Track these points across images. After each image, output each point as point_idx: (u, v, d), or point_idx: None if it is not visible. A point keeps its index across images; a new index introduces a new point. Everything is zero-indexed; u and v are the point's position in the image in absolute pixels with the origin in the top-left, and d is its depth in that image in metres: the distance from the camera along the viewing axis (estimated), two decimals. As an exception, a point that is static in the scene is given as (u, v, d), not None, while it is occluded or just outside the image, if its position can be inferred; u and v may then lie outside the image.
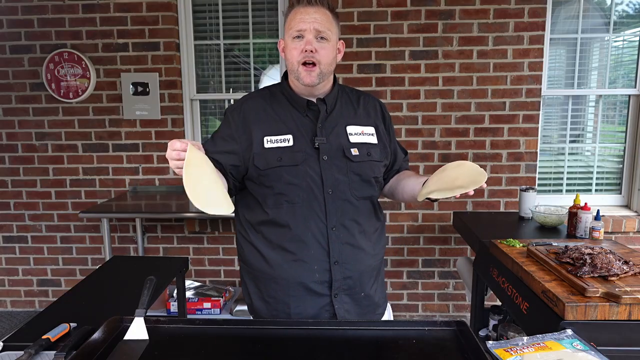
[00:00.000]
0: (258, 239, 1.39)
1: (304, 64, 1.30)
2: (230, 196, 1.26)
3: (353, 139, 1.38)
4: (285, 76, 1.44)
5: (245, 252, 1.44)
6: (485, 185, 1.21)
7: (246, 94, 1.48)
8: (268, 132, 1.34)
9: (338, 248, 1.34)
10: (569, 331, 1.15)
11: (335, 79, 1.44)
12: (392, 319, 1.69)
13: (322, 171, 1.33)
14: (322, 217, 1.33)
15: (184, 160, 1.09)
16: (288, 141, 1.33)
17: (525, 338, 1.11)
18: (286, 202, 1.33)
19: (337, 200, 1.34)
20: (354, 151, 1.36)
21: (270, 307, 1.41)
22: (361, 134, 1.40)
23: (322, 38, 1.30)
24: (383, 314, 1.56)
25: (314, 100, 1.38)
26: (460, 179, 1.23)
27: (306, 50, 1.28)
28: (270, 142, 1.33)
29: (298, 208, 1.32)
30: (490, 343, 1.10)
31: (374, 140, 1.42)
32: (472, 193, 1.21)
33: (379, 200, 1.51)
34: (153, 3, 3.11)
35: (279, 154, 1.32)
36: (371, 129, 1.43)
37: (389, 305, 1.63)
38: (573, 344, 1.08)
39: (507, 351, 1.05)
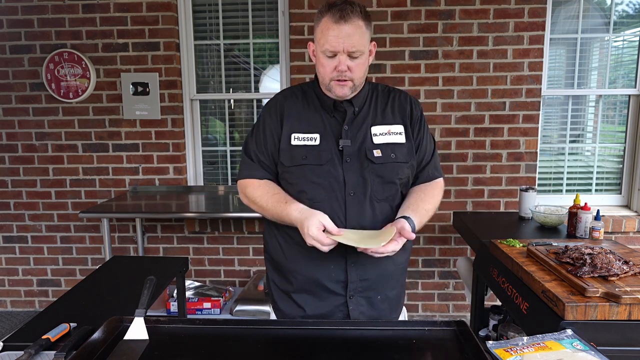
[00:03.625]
0: (279, 233, 1.42)
1: (336, 80, 1.30)
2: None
3: (377, 140, 1.36)
4: (317, 76, 1.41)
5: (268, 245, 1.48)
6: (377, 249, 1.23)
7: (283, 89, 1.49)
8: (296, 129, 1.35)
9: (356, 249, 1.31)
10: (569, 331, 1.15)
11: (365, 78, 1.41)
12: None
13: (345, 173, 1.33)
14: (341, 218, 1.33)
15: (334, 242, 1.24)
16: (315, 140, 1.34)
17: (525, 338, 1.11)
18: (307, 200, 1.33)
19: (358, 203, 1.33)
20: (377, 152, 1.34)
21: (289, 300, 1.43)
22: (387, 134, 1.37)
23: (354, 56, 1.27)
24: (397, 317, 1.55)
25: (341, 101, 1.36)
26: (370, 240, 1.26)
27: (339, 70, 1.27)
28: (297, 139, 1.34)
29: (319, 207, 1.31)
30: (490, 343, 1.10)
31: (401, 139, 1.38)
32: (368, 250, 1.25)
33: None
34: (153, 3, 3.11)
35: (304, 152, 1.33)
36: (399, 128, 1.39)
37: (404, 308, 1.61)
38: (573, 344, 1.08)
39: (507, 351, 1.05)
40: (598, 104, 3.26)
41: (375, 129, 1.37)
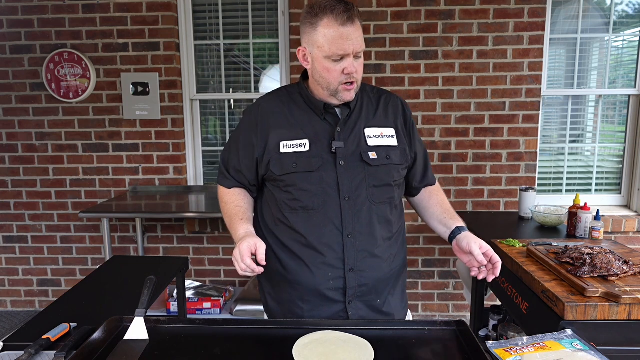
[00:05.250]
0: (274, 240, 1.37)
1: (344, 84, 1.26)
2: (254, 197, 1.41)
3: (371, 142, 1.32)
4: (303, 76, 1.38)
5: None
6: None
7: (266, 94, 1.44)
8: (284, 136, 1.31)
9: (354, 255, 1.30)
10: (569, 331, 1.15)
11: None
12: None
13: (339, 177, 1.29)
14: (337, 225, 1.29)
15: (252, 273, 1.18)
16: (304, 146, 1.29)
17: (525, 338, 1.11)
18: (301, 209, 1.30)
19: (354, 207, 1.30)
20: (372, 155, 1.30)
21: (285, 308, 1.40)
22: (380, 136, 1.33)
23: (358, 57, 1.26)
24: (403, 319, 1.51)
25: (332, 103, 1.33)
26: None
27: (349, 74, 1.24)
28: (286, 147, 1.30)
29: (313, 215, 1.29)
30: (490, 343, 1.10)
31: (393, 142, 1.35)
32: None
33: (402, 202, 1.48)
34: (153, 3, 3.11)
35: (294, 159, 1.29)
36: (391, 131, 1.36)
37: (409, 312, 1.58)
38: (573, 344, 1.08)
39: (507, 351, 1.05)
40: (598, 104, 3.26)
41: (368, 131, 1.33)
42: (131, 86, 3.19)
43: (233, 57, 3.34)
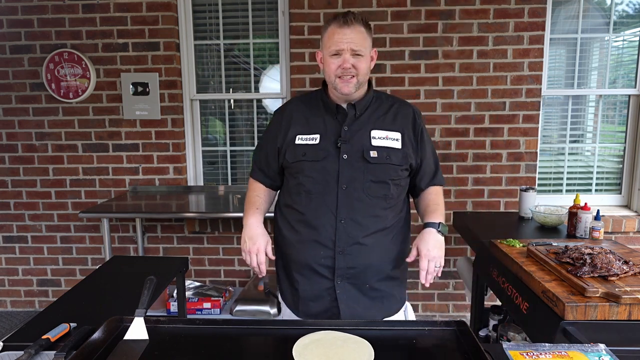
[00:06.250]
0: (282, 220, 1.61)
1: (340, 77, 1.45)
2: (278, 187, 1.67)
3: (375, 142, 1.49)
4: (324, 83, 1.58)
5: (276, 230, 1.66)
6: None
7: (295, 97, 1.69)
8: (300, 131, 1.53)
9: (344, 239, 1.47)
10: (602, 345, 1.08)
11: (370, 85, 1.56)
12: (412, 318, 1.68)
13: (340, 168, 1.47)
14: (333, 210, 1.47)
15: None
16: (315, 140, 1.50)
17: (547, 345, 1.07)
18: (304, 192, 1.51)
19: (350, 197, 1.47)
20: (373, 153, 1.47)
21: (287, 280, 1.61)
22: (385, 138, 1.50)
23: (357, 55, 1.43)
24: (398, 311, 1.62)
25: (344, 105, 1.52)
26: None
27: (343, 67, 1.43)
28: (300, 139, 1.52)
29: (313, 198, 1.49)
30: (506, 344, 1.08)
31: (397, 145, 1.50)
32: None
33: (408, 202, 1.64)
34: (153, 3, 3.11)
35: (304, 149, 1.50)
36: (397, 135, 1.51)
37: (409, 305, 1.68)
38: (601, 358, 1.02)
39: (522, 354, 1.03)
40: (598, 104, 3.26)
41: (374, 133, 1.50)
42: (131, 86, 3.19)
43: (233, 57, 3.34)
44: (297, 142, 1.52)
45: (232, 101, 3.41)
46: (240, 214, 2.87)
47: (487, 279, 2.06)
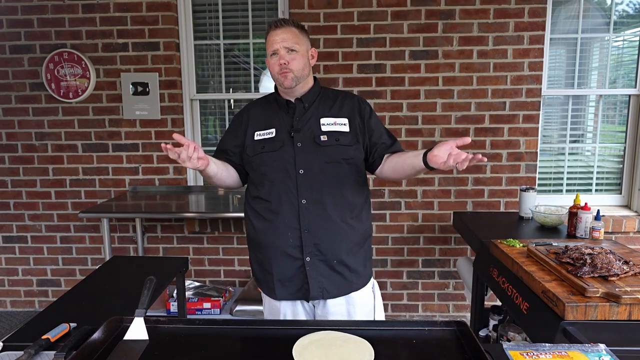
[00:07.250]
0: (251, 212, 1.72)
1: (281, 73, 1.61)
2: (243, 179, 1.77)
3: (325, 128, 1.65)
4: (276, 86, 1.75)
5: (246, 224, 1.77)
6: None
7: (253, 101, 1.84)
8: (258, 128, 1.69)
9: (308, 218, 1.60)
10: (602, 345, 1.07)
11: (315, 80, 1.73)
12: (379, 296, 1.81)
13: (296, 155, 1.61)
14: (294, 192, 1.61)
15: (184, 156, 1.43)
16: (272, 133, 1.66)
17: (547, 345, 1.06)
18: (267, 181, 1.64)
19: (308, 179, 1.61)
20: (323, 137, 1.63)
21: (261, 268, 1.71)
22: (334, 124, 1.66)
23: (291, 50, 1.59)
24: (364, 285, 1.72)
25: (293, 100, 1.68)
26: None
27: (280, 64, 1.59)
28: (258, 135, 1.68)
29: (276, 185, 1.62)
30: (506, 344, 1.08)
31: (345, 129, 1.66)
32: None
33: (369, 182, 1.72)
34: (153, 3, 3.11)
35: (263, 143, 1.65)
36: (344, 120, 1.68)
37: (375, 282, 1.80)
38: (601, 358, 1.02)
39: (522, 354, 1.03)
40: (598, 104, 3.26)
41: (323, 120, 1.67)
42: (131, 86, 3.19)
43: (233, 57, 3.34)
44: (256, 138, 1.67)
45: (232, 101, 3.41)
46: (241, 214, 2.89)
47: (487, 279, 2.05)
